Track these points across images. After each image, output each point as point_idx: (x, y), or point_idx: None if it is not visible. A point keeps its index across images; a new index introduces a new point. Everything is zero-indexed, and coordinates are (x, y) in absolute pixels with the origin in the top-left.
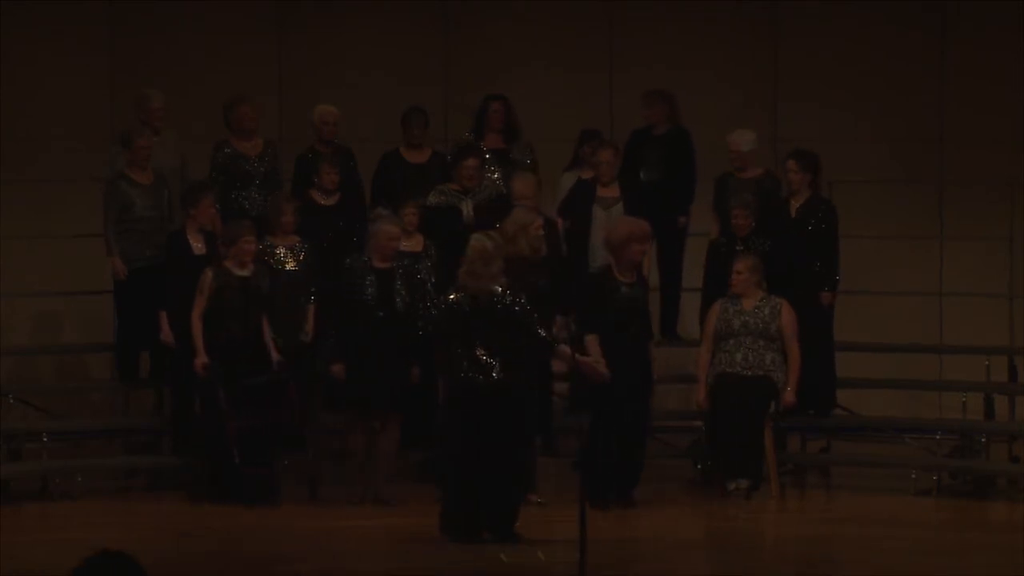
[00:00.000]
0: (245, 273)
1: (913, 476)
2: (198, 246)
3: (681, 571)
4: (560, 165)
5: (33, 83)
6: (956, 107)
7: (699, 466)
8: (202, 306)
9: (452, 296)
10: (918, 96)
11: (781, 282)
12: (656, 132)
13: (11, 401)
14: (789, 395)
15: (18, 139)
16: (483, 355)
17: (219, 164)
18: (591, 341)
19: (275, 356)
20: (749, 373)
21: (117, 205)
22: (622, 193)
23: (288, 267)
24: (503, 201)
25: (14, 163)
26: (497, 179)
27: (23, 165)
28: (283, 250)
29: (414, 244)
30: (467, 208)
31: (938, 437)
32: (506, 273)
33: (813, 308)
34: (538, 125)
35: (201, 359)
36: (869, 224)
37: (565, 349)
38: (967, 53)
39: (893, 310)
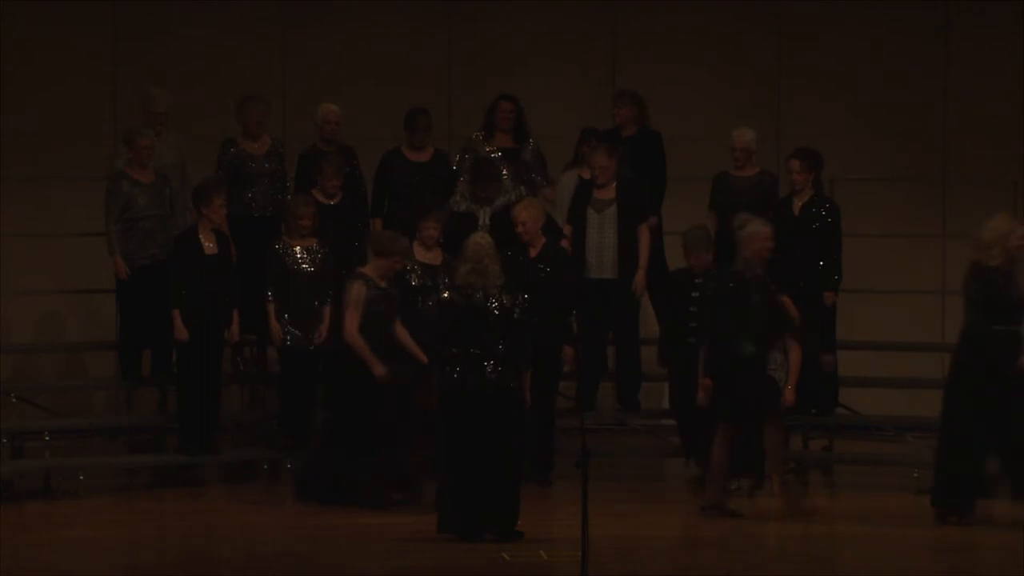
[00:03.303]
0: (384, 284)
1: (915, 475)
2: (209, 245)
3: (684, 570)
4: (561, 164)
5: (35, 81)
6: (958, 105)
7: (700, 465)
8: (357, 319)
9: (446, 295)
10: (920, 94)
11: (784, 282)
12: (625, 133)
13: (13, 400)
14: (789, 394)
15: (20, 137)
16: (477, 354)
17: (226, 162)
18: None
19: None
20: None
21: (119, 204)
22: (617, 195)
23: (305, 269)
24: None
25: (16, 161)
26: (507, 178)
27: (25, 163)
28: (300, 252)
29: (433, 257)
30: (484, 216)
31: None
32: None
33: (816, 307)
34: (539, 124)
35: (379, 369)
36: (871, 222)
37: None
38: (969, 52)
39: (895, 308)
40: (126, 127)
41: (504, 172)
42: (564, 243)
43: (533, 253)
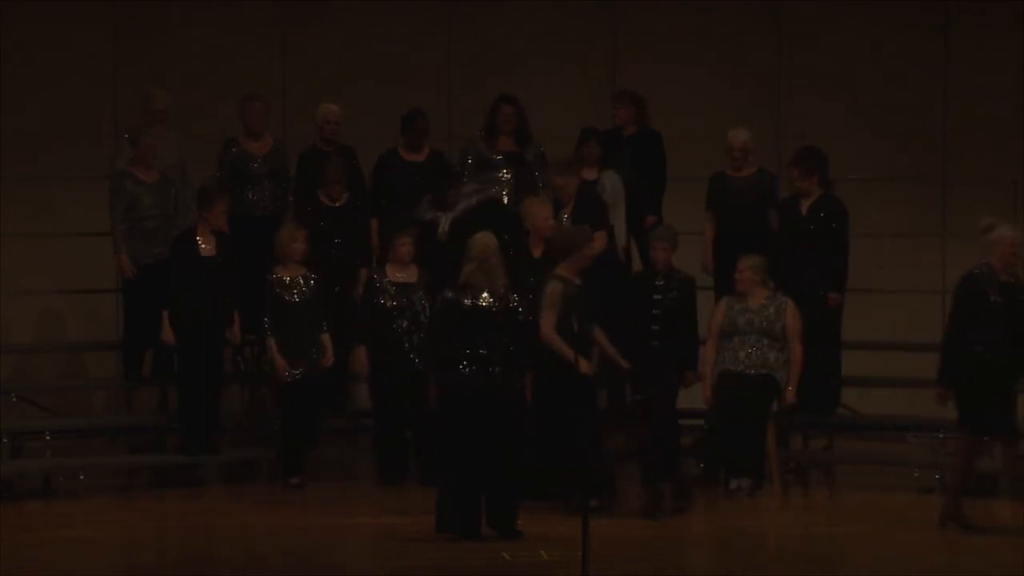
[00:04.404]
0: (579, 281)
1: (916, 474)
2: (206, 247)
3: (683, 570)
4: None
5: (35, 81)
6: (958, 105)
7: (701, 464)
8: (553, 319)
9: (449, 294)
10: (921, 94)
11: (786, 283)
12: (625, 133)
13: (13, 400)
14: (789, 394)
15: (20, 137)
16: (482, 354)
17: (227, 162)
18: None
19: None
20: (752, 372)
21: (123, 203)
22: (573, 208)
23: (300, 299)
24: (492, 204)
25: (16, 161)
26: (509, 180)
27: (25, 163)
28: (292, 283)
29: (408, 275)
30: (444, 223)
31: (941, 435)
32: None
33: (820, 307)
34: (539, 124)
35: (584, 364)
36: (871, 222)
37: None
38: (969, 52)
39: (896, 308)
40: (126, 127)
41: (507, 174)
42: None
43: (537, 253)
